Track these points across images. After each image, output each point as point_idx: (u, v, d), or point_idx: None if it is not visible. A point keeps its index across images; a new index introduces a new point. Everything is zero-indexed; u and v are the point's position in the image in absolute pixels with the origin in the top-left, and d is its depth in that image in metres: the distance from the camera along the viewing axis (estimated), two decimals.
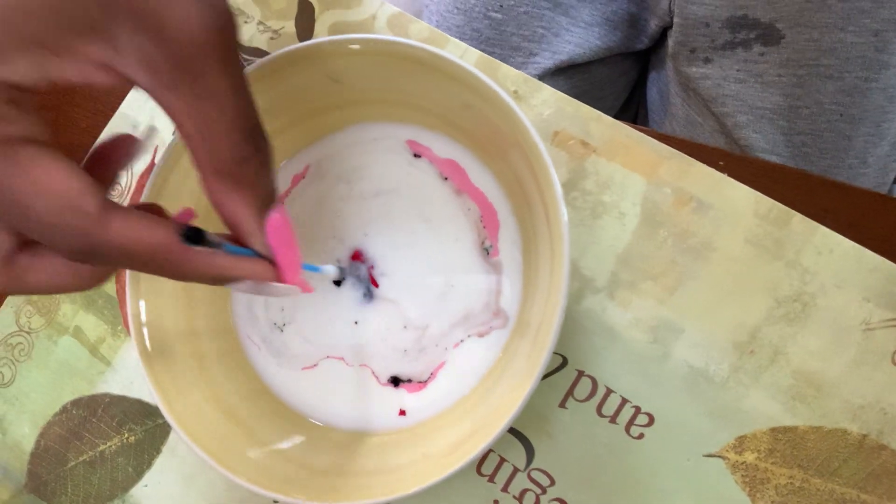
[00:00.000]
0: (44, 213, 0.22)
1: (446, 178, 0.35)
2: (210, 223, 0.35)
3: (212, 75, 0.22)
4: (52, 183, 0.22)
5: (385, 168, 0.36)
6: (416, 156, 0.35)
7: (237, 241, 0.26)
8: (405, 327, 0.35)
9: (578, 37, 0.56)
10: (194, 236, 0.24)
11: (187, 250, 0.24)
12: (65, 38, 0.21)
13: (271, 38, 0.42)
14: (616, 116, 0.37)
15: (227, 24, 0.22)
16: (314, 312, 0.37)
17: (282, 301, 0.37)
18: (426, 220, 0.35)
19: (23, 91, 0.22)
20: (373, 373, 0.36)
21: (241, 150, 0.24)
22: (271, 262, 0.27)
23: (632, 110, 0.68)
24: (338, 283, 0.36)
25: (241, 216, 0.25)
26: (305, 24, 0.41)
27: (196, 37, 0.21)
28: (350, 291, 0.36)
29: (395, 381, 0.35)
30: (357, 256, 0.36)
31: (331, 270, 0.34)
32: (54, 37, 0.21)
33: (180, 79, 0.22)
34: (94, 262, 0.24)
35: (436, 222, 0.35)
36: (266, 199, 0.26)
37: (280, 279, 0.27)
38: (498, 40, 0.56)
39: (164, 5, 0.21)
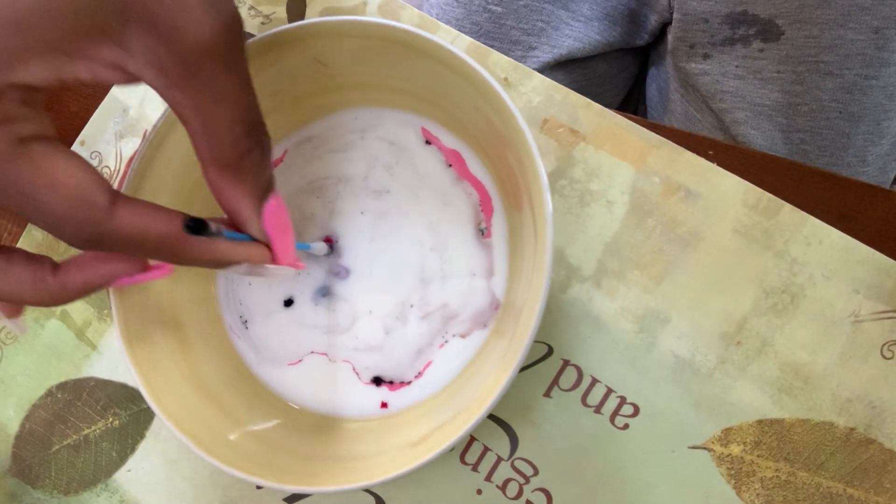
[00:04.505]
0: (56, 205, 0.22)
1: (450, 165, 0.35)
2: (192, 207, 0.34)
3: (218, 76, 0.23)
4: (64, 178, 0.22)
5: (398, 128, 0.36)
6: (427, 143, 0.36)
7: (235, 226, 0.27)
8: (396, 318, 0.35)
9: (578, 31, 0.56)
10: (197, 227, 0.25)
11: (190, 239, 0.25)
12: (79, 42, 0.22)
13: (262, 23, 0.41)
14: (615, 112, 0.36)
15: (233, 27, 0.24)
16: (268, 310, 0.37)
17: (240, 297, 0.37)
18: (428, 192, 0.36)
19: (35, 91, 0.22)
20: (353, 369, 0.35)
21: (242, 145, 0.25)
22: (267, 245, 0.28)
23: (631, 106, 0.68)
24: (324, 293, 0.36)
25: (240, 205, 0.27)
26: (297, 8, 0.41)
27: (205, 40, 0.22)
28: (307, 288, 0.36)
29: (377, 381, 0.35)
30: (328, 241, 0.36)
31: (321, 248, 0.35)
32: (70, 41, 0.22)
33: (188, 79, 0.23)
34: (101, 249, 0.25)
35: (438, 200, 0.36)
36: (264, 188, 0.27)
37: (275, 261, 0.29)
38: (497, 34, 0.56)
39: (175, 11, 0.22)
